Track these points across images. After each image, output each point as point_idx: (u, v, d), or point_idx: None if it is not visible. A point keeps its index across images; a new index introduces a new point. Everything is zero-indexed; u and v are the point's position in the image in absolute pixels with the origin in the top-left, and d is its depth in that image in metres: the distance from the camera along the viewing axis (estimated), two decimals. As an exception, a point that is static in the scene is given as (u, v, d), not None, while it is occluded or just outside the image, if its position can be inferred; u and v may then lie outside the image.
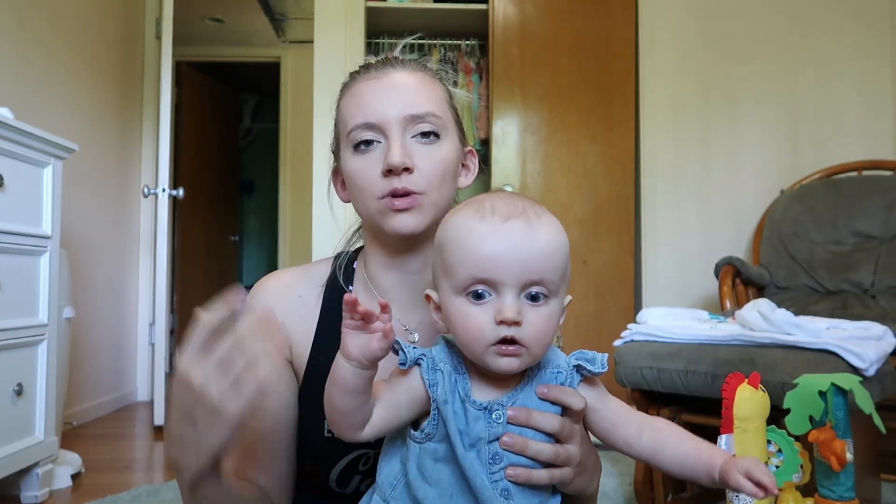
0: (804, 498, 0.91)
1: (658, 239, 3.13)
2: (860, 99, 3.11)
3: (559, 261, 0.66)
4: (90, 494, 1.97)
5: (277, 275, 0.94)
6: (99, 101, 3.15)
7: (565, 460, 0.69)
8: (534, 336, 0.64)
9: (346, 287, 0.92)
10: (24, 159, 1.86)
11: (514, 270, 0.64)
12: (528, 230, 0.65)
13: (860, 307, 2.33)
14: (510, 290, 0.64)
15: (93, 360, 3.06)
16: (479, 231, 0.65)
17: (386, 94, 0.83)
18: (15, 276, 1.82)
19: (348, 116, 0.85)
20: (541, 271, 0.64)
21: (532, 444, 0.67)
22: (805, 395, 0.86)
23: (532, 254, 0.64)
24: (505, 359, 0.65)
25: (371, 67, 0.87)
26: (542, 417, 0.68)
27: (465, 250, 0.65)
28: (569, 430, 0.69)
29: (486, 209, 0.67)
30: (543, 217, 0.67)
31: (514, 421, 0.67)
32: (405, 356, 0.69)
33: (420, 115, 0.83)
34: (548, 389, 0.68)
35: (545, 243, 0.65)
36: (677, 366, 1.59)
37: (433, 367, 0.69)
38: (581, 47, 3.13)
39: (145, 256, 3.57)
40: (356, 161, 0.84)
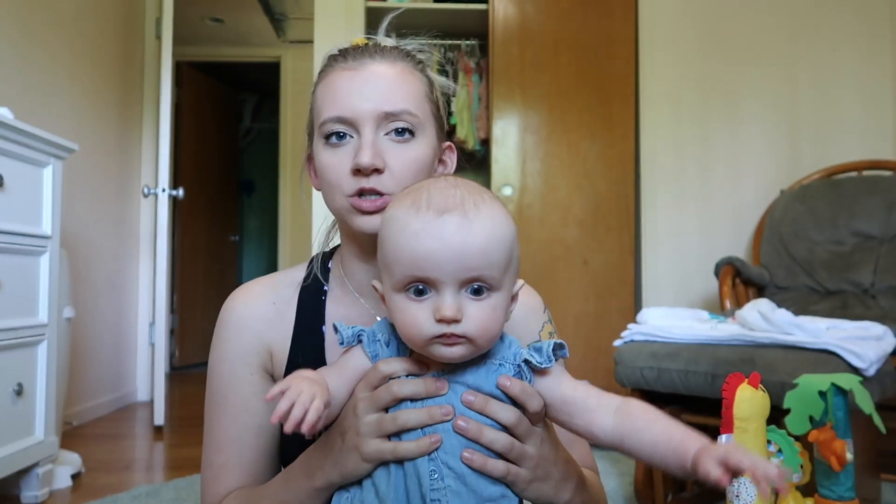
0: (804, 498, 0.91)
1: (658, 239, 3.13)
2: (860, 99, 3.11)
3: (500, 253, 0.63)
4: (90, 494, 1.97)
5: (246, 287, 0.91)
6: (99, 102, 3.15)
7: (518, 456, 0.66)
8: (476, 330, 0.62)
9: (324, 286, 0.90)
10: (24, 159, 1.86)
11: (450, 269, 0.61)
12: (464, 224, 0.62)
13: (860, 307, 2.34)
14: (448, 288, 0.62)
15: (93, 360, 3.06)
16: (413, 227, 0.62)
17: (360, 87, 0.80)
18: (15, 276, 1.82)
19: (322, 107, 0.82)
20: (478, 267, 0.62)
21: (487, 430, 0.64)
22: (805, 395, 0.86)
23: (468, 250, 0.61)
24: (448, 348, 0.63)
25: (349, 56, 0.83)
26: (499, 407, 0.65)
27: (400, 248, 0.63)
28: (525, 427, 0.67)
29: (422, 202, 0.64)
30: (482, 207, 0.63)
31: (469, 406, 0.64)
32: (342, 336, 0.69)
33: (395, 113, 0.80)
34: (510, 382, 0.65)
35: (482, 238, 0.62)
36: (677, 366, 1.59)
37: (373, 339, 0.69)
38: (581, 47, 3.13)
39: (145, 256, 3.57)
40: (327, 154, 0.81)
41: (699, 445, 0.62)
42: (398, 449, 0.64)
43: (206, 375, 0.91)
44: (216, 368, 0.88)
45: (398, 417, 0.65)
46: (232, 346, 0.87)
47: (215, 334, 0.89)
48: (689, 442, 0.63)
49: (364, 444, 0.65)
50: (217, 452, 0.86)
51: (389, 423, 0.65)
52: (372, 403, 0.66)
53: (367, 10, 3.26)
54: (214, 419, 0.87)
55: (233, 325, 0.88)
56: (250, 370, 0.87)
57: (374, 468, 0.66)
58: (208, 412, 0.88)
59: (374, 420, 0.65)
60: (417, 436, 0.64)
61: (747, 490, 0.81)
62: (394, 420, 0.65)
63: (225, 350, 0.88)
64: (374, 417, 0.65)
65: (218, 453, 0.86)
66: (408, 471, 0.64)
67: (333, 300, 0.90)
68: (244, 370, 0.87)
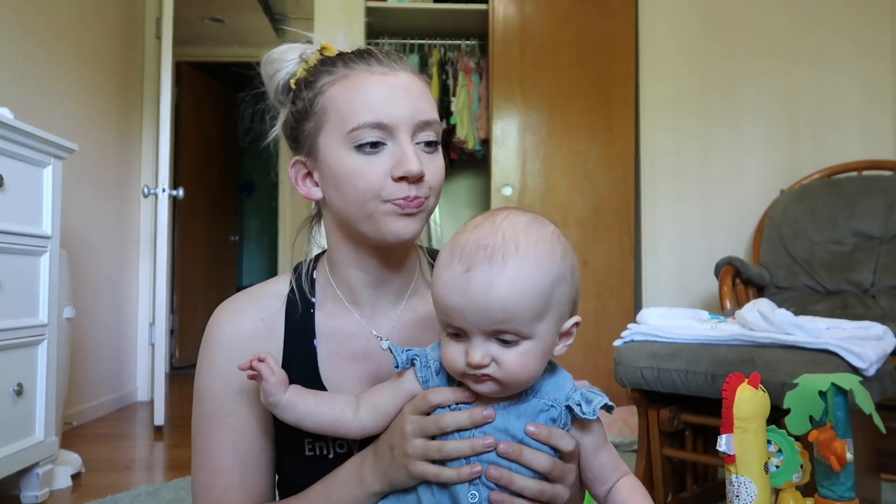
0: (804, 498, 0.91)
1: (658, 239, 3.13)
2: (860, 99, 3.11)
3: (526, 305, 0.64)
4: (90, 494, 1.97)
5: (231, 304, 0.89)
6: (99, 102, 3.15)
7: (550, 498, 0.69)
8: (504, 375, 0.65)
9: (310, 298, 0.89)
10: (24, 159, 1.86)
11: (475, 321, 0.64)
12: (486, 280, 0.63)
13: (860, 307, 2.33)
14: (477, 337, 0.65)
15: (93, 360, 3.06)
16: (444, 279, 0.66)
17: (398, 94, 0.78)
18: (15, 276, 1.82)
19: (350, 110, 0.78)
20: (502, 320, 0.64)
21: (518, 479, 0.67)
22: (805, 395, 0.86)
23: (489, 306, 0.63)
24: (479, 385, 0.67)
25: (374, 60, 0.80)
26: (534, 456, 0.68)
27: (435, 297, 0.68)
28: (560, 470, 0.69)
29: (457, 252, 0.66)
30: (510, 260, 0.64)
31: (504, 455, 0.67)
32: (397, 359, 0.73)
33: (429, 123, 0.80)
34: (536, 429, 0.68)
35: (504, 294, 0.63)
36: (677, 366, 1.59)
37: (426, 364, 0.73)
38: (581, 47, 3.13)
39: (145, 256, 3.56)
40: (358, 161, 0.78)
41: None
42: (441, 475, 0.68)
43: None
44: (208, 389, 0.86)
45: (443, 448, 0.68)
46: (224, 366, 0.85)
47: (203, 354, 0.87)
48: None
49: (411, 464, 0.70)
50: (217, 476, 0.84)
51: (435, 452, 0.69)
52: (420, 429, 0.70)
53: (367, 10, 3.26)
54: (210, 442, 0.85)
55: (221, 345, 0.86)
56: (246, 391, 0.85)
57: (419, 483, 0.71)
58: (201, 435, 0.86)
59: (420, 445, 0.69)
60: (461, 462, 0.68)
61: (747, 490, 0.81)
62: (439, 450, 0.69)
63: (216, 371, 0.85)
64: (421, 443, 0.70)
65: (218, 477, 0.84)
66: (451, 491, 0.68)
67: (323, 312, 0.88)
68: (240, 390, 0.85)
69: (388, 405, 0.74)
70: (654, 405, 1.68)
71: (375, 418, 0.74)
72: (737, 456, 0.81)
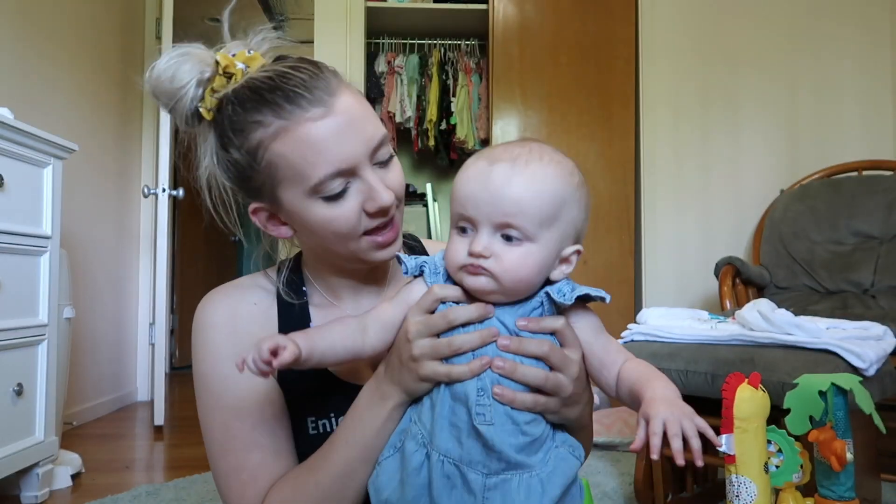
0: (804, 498, 0.91)
1: (658, 239, 3.13)
2: (860, 98, 3.11)
3: (536, 206, 0.67)
4: (90, 494, 1.97)
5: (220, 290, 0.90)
6: (99, 101, 3.15)
7: (554, 388, 0.69)
8: (500, 269, 0.68)
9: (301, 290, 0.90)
10: (24, 159, 1.86)
11: (486, 210, 0.68)
12: (506, 174, 0.68)
13: (860, 307, 2.33)
14: (484, 228, 0.68)
15: (93, 360, 3.06)
16: (468, 172, 0.70)
17: (346, 132, 0.75)
18: (15, 276, 1.82)
19: (306, 166, 0.74)
20: (511, 213, 0.67)
21: (520, 367, 0.68)
22: (805, 395, 0.86)
23: (503, 197, 0.67)
24: (471, 277, 0.69)
25: (304, 101, 0.74)
26: (531, 343, 0.69)
27: (456, 188, 0.71)
28: (559, 357, 0.70)
29: (486, 153, 0.71)
30: (532, 164, 0.68)
31: (504, 349, 0.69)
32: (406, 266, 0.75)
33: (381, 140, 0.79)
34: (526, 322, 0.70)
35: (520, 188, 0.67)
36: (677, 366, 1.59)
37: (435, 271, 0.75)
38: (581, 47, 3.13)
39: (145, 256, 3.57)
40: (328, 210, 0.77)
41: (649, 396, 0.65)
42: (452, 372, 0.69)
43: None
44: (217, 371, 0.84)
45: (453, 342, 0.69)
46: (227, 346, 0.84)
47: (201, 339, 0.86)
48: (644, 390, 0.67)
49: (420, 367, 0.70)
50: (247, 452, 0.83)
51: (445, 348, 0.69)
52: (426, 328, 0.70)
53: (367, 10, 3.26)
54: (232, 422, 0.83)
55: (220, 326, 0.85)
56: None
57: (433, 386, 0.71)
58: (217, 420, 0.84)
59: (428, 344, 0.70)
60: (467, 358, 0.69)
61: (747, 490, 0.81)
62: (449, 345, 0.69)
63: (220, 351, 0.84)
64: (429, 342, 0.70)
65: (249, 453, 0.82)
66: (456, 389, 0.69)
67: (313, 304, 0.90)
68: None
69: (397, 318, 0.74)
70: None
71: (385, 335, 0.74)
72: (737, 456, 0.81)
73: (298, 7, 4.28)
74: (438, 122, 3.59)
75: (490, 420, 0.67)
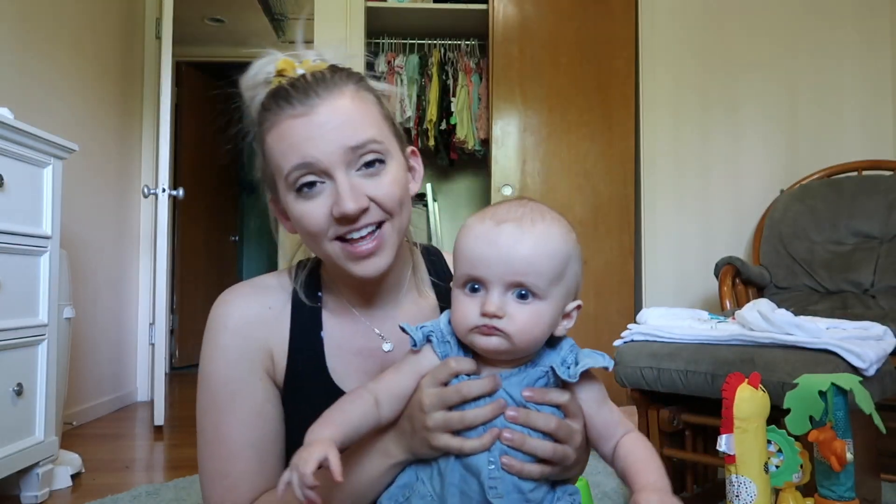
0: (804, 498, 0.91)
1: (658, 239, 3.13)
2: (860, 99, 3.11)
3: (546, 264, 0.69)
4: (90, 494, 1.96)
5: (236, 290, 0.89)
6: (99, 102, 3.15)
7: (561, 459, 0.71)
8: (514, 327, 0.69)
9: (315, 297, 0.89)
10: (24, 159, 1.86)
11: (498, 271, 0.69)
12: (516, 234, 0.69)
13: (860, 307, 2.33)
14: (496, 288, 0.69)
15: (93, 360, 3.06)
16: (475, 232, 0.71)
17: (318, 131, 0.76)
18: (15, 276, 1.82)
19: (280, 157, 0.78)
20: (523, 272, 0.68)
21: (529, 440, 0.70)
22: (805, 395, 0.86)
23: (515, 256, 0.68)
24: (484, 338, 0.70)
25: (292, 98, 0.78)
26: (538, 417, 0.70)
27: (462, 249, 0.72)
28: (566, 430, 0.71)
29: (489, 213, 0.72)
30: (538, 224, 0.70)
31: (513, 421, 0.70)
32: (413, 338, 0.75)
33: (361, 145, 0.77)
34: (532, 392, 0.71)
35: (530, 247, 0.69)
36: (677, 366, 1.59)
37: (443, 339, 0.75)
38: (581, 47, 3.13)
39: (145, 256, 3.56)
40: (301, 205, 0.79)
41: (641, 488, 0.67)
42: (465, 446, 0.70)
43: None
44: (220, 373, 0.85)
45: (465, 418, 0.70)
46: (236, 350, 0.85)
47: (211, 338, 0.86)
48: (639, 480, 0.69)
49: (433, 438, 0.71)
50: (232, 460, 0.83)
51: (457, 423, 0.70)
52: (440, 401, 0.71)
53: (367, 10, 3.26)
54: (222, 427, 0.84)
55: (232, 329, 0.85)
56: (258, 375, 0.85)
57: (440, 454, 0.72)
58: (212, 421, 0.85)
59: (441, 417, 0.70)
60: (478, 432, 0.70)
61: (747, 490, 0.81)
62: (461, 420, 0.70)
63: (228, 354, 0.85)
64: (442, 415, 0.70)
65: (234, 461, 0.83)
66: (468, 460, 0.70)
67: (328, 308, 0.90)
68: (252, 375, 0.85)
69: (409, 389, 0.74)
70: (654, 405, 1.68)
71: (398, 406, 0.74)
72: (737, 456, 0.81)
73: (298, 7, 4.27)
74: (438, 123, 3.59)
75: (501, 493, 0.69)
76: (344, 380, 0.87)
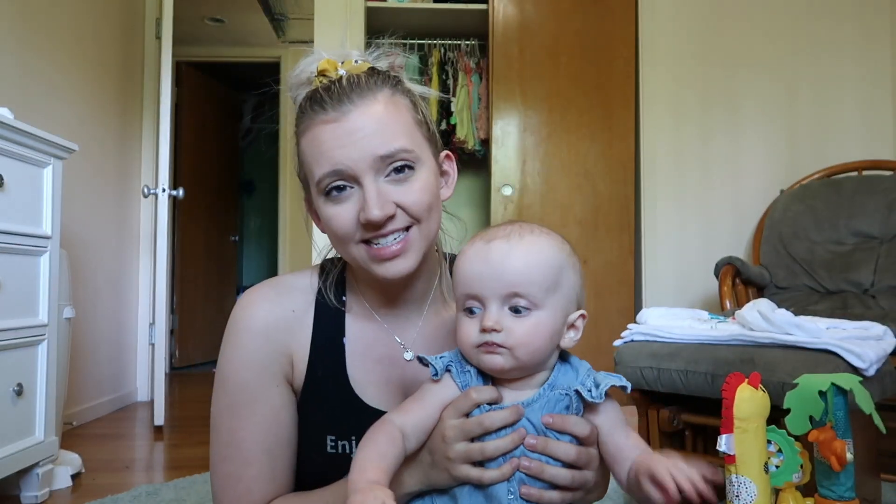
0: (804, 498, 0.91)
1: (658, 239, 3.13)
2: (860, 99, 3.11)
3: (539, 274, 0.71)
4: (90, 494, 1.97)
5: (261, 291, 0.89)
6: (99, 102, 3.15)
7: (580, 485, 0.72)
8: (515, 341, 0.70)
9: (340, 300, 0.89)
10: (24, 159, 1.86)
11: (492, 285, 0.70)
12: (505, 248, 0.71)
13: (860, 307, 2.33)
14: (492, 304, 0.71)
15: (93, 360, 3.06)
16: (468, 254, 0.73)
17: (348, 138, 0.77)
18: (15, 276, 1.82)
19: (312, 163, 0.80)
20: (517, 283, 0.70)
21: (548, 468, 0.70)
22: (805, 395, 0.86)
23: (507, 268, 0.70)
24: (487, 356, 0.71)
25: (326, 104, 0.79)
26: (558, 446, 0.71)
27: (458, 271, 0.74)
28: (585, 457, 0.72)
29: (479, 235, 0.75)
30: (527, 236, 0.72)
31: (532, 449, 0.71)
32: (434, 368, 0.75)
33: (390, 154, 0.78)
34: (552, 419, 0.71)
35: (520, 259, 0.70)
36: (677, 366, 1.59)
37: (462, 370, 0.75)
38: (581, 47, 3.13)
39: (145, 256, 3.56)
40: (330, 208, 0.80)
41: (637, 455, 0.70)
42: (484, 477, 0.70)
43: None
44: (238, 376, 0.84)
45: (486, 449, 0.71)
46: (256, 353, 0.84)
47: (232, 339, 0.85)
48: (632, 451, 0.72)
49: (454, 468, 0.71)
50: (247, 466, 0.84)
51: (478, 454, 0.71)
52: (461, 432, 0.71)
53: (367, 10, 3.26)
54: (240, 431, 0.84)
55: (254, 332, 0.85)
56: (276, 380, 0.85)
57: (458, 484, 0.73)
58: (227, 424, 0.85)
59: (462, 449, 0.71)
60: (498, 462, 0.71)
61: (747, 490, 0.80)
62: (482, 451, 0.71)
63: (248, 358, 0.84)
64: (463, 447, 0.71)
65: (248, 466, 0.84)
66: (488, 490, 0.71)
67: (351, 313, 0.89)
68: (271, 379, 0.85)
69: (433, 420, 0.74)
70: (654, 405, 1.68)
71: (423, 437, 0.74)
72: (737, 456, 0.81)
73: (298, 7, 4.27)
74: (438, 122, 3.59)
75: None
76: (364, 389, 0.87)
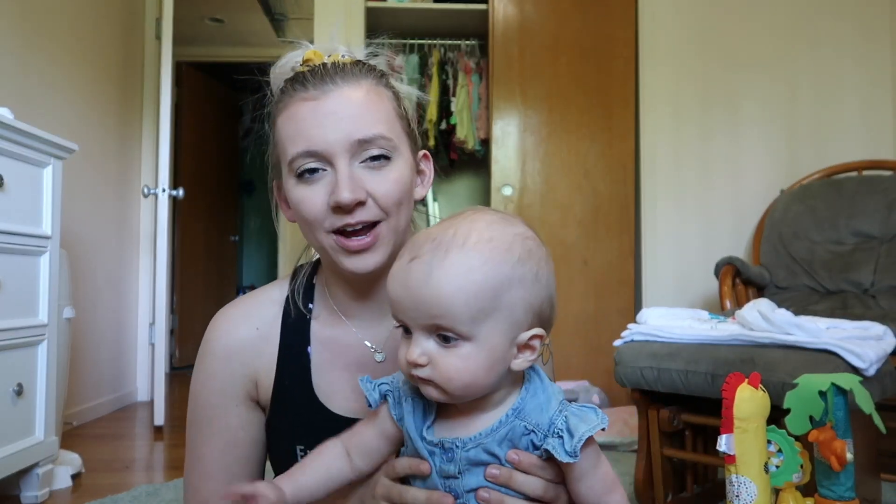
0: (804, 498, 0.91)
1: (658, 239, 3.13)
2: (860, 98, 3.11)
3: (460, 302, 0.59)
4: (90, 494, 1.97)
5: (228, 312, 0.89)
6: (99, 102, 3.15)
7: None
8: (440, 377, 0.62)
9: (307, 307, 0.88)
10: (24, 159, 1.86)
11: (412, 315, 0.62)
12: (424, 272, 0.60)
13: (860, 307, 2.33)
14: (418, 332, 0.62)
15: (93, 360, 3.06)
16: (392, 273, 0.64)
17: (327, 117, 0.75)
18: (15, 276, 1.82)
19: (287, 141, 0.78)
20: (438, 315, 0.60)
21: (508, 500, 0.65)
22: (805, 395, 0.86)
23: (423, 298, 0.60)
24: (423, 386, 0.64)
25: (308, 83, 0.77)
26: (525, 480, 0.64)
27: (387, 289, 0.65)
28: (553, 493, 0.66)
29: (409, 245, 0.65)
30: (453, 254, 0.60)
31: (494, 480, 0.64)
32: (369, 399, 0.70)
33: (368, 140, 0.76)
34: (518, 457, 0.64)
35: (441, 286, 0.60)
36: (677, 366, 1.59)
37: (397, 401, 0.69)
38: (581, 47, 3.13)
39: (145, 256, 3.57)
40: (300, 190, 0.77)
41: None
42: None
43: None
44: (201, 396, 0.87)
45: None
46: (217, 377, 0.86)
47: (199, 360, 0.88)
48: None
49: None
50: (205, 480, 0.86)
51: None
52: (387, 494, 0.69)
53: (367, 10, 3.26)
54: (200, 447, 0.87)
55: (217, 356, 0.86)
56: (236, 401, 0.86)
57: None
58: (193, 438, 0.88)
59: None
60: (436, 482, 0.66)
61: (747, 490, 0.80)
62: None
63: (210, 380, 0.87)
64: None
65: (206, 481, 0.86)
66: None
67: (318, 320, 0.88)
68: (230, 401, 0.86)
69: (375, 446, 0.71)
70: (654, 405, 1.68)
71: (370, 461, 0.72)
72: (737, 456, 0.81)
73: (298, 7, 4.27)
74: (438, 122, 3.59)
75: None
76: (329, 397, 0.86)
